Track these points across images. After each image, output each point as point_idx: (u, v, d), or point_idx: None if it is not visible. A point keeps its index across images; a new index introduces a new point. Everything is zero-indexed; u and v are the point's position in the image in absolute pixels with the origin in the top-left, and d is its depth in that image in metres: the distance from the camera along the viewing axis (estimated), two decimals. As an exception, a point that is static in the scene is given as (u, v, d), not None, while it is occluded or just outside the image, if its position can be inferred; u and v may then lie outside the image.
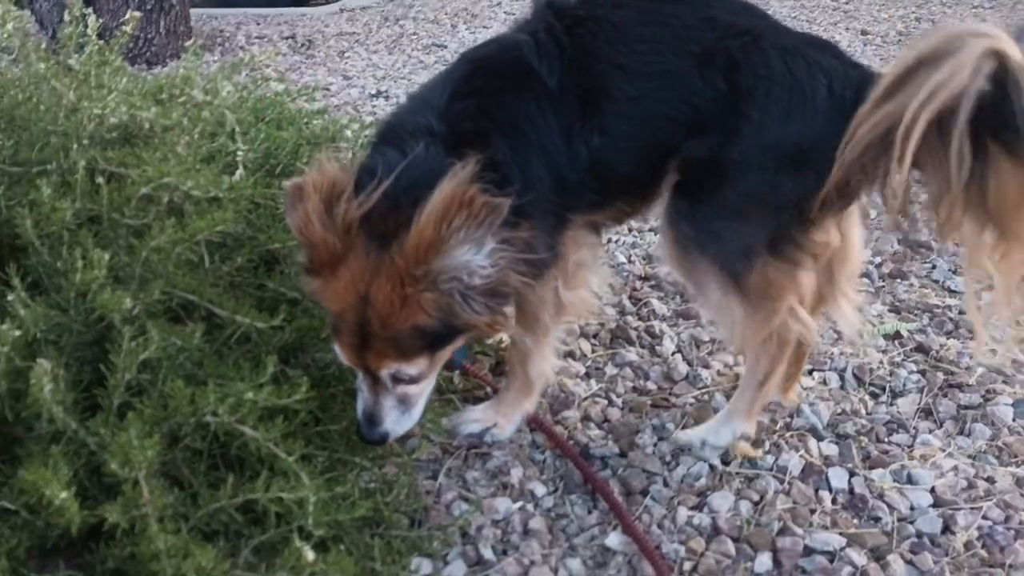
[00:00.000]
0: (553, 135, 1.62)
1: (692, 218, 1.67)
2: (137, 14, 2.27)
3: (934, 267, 2.78)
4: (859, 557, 1.62)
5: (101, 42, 2.18)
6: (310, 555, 1.38)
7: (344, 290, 1.50)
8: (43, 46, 2.00)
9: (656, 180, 1.73)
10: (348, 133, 2.66)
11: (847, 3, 7.09)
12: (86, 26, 2.19)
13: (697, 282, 1.75)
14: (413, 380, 1.60)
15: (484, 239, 1.42)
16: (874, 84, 1.48)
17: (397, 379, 1.59)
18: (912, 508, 1.76)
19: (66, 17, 2.17)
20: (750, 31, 1.65)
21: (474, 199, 1.41)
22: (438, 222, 1.40)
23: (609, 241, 2.94)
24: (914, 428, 2.02)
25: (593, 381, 2.17)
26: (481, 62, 1.71)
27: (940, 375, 2.18)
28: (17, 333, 1.44)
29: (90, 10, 2.24)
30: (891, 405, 2.09)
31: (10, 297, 1.48)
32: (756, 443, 1.92)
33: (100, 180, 1.70)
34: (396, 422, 1.65)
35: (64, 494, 1.29)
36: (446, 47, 5.84)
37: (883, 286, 2.69)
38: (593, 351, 2.31)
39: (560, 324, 1.89)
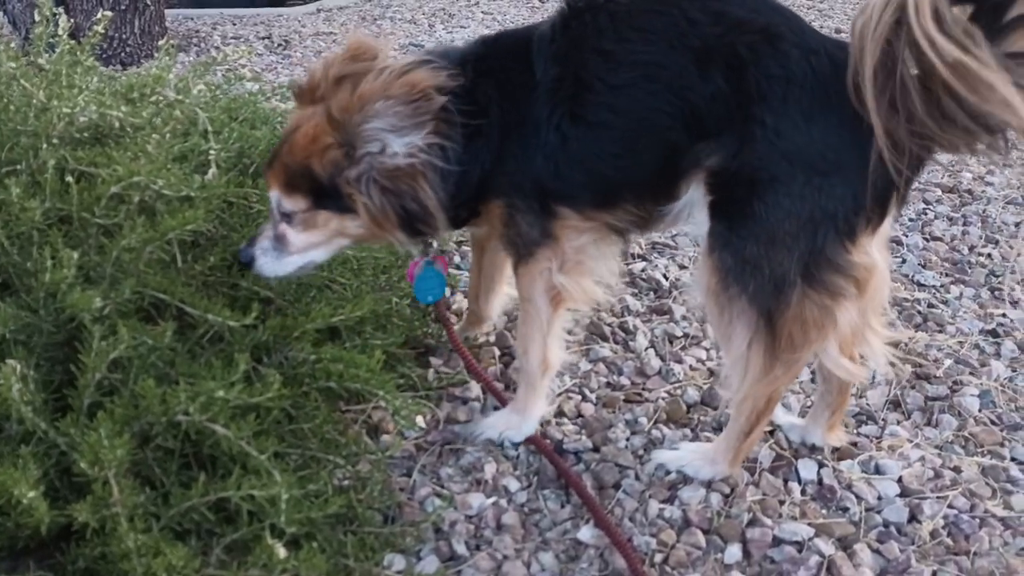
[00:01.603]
0: (531, 122, 1.65)
1: (729, 244, 1.56)
2: (109, 14, 2.26)
3: (904, 261, 2.82)
4: (827, 547, 1.65)
5: (72, 42, 2.17)
6: (282, 553, 1.38)
7: (296, 118, 1.72)
8: (13, 46, 1.98)
9: (663, 182, 1.66)
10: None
11: (822, 2, 7.16)
12: (57, 26, 2.18)
13: (726, 323, 1.61)
14: (288, 220, 1.73)
15: (410, 125, 1.58)
16: None
17: (281, 212, 1.74)
18: (879, 498, 1.79)
19: (36, 17, 2.16)
20: (765, 29, 1.53)
21: (418, 83, 1.56)
22: (381, 88, 1.56)
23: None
24: (883, 419, 2.05)
25: (567, 377, 2.19)
26: (494, 44, 1.77)
27: (908, 367, 2.22)
28: (-14, 334, 1.44)
29: (61, 10, 2.23)
30: (860, 397, 2.12)
31: (-22, 298, 1.48)
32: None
33: (70, 179, 1.70)
34: (264, 254, 1.77)
35: (32, 494, 1.29)
36: (423, 47, 5.83)
37: (854, 281, 2.72)
38: (567, 347, 2.32)
39: (558, 312, 1.84)
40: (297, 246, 1.76)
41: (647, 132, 1.62)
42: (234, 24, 7.11)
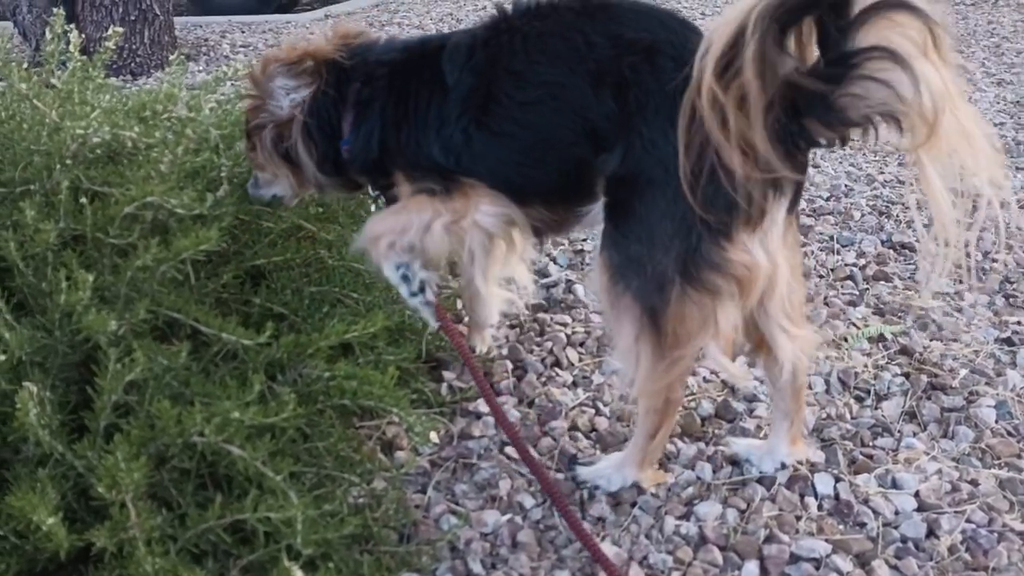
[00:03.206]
0: (434, 119, 1.80)
1: (617, 243, 1.66)
2: (120, 29, 2.27)
3: (917, 268, 2.81)
4: (844, 563, 1.64)
5: (84, 58, 2.18)
6: (299, 574, 1.38)
7: None
8: (26, 61, 1.99)
9: (571, 192, 1.76)
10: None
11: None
12: (68, 42, 2.19)
13: (615, 318, 1.68)
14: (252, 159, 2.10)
15: (294, 86, 1.95)
16: None
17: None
18: (897, 513, 1.78)
19: (47, 33, 2.17)
20: (649, 47, 1.62)
21: (300, 51, 1.97)
22: (279, 54, 1.99)
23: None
24: (898, 432, 2.04)
25: (580, 390, 2.19)
26: (419, 47, 1.94)
27: (924, 378, 2.21)
28: (2, 357, 1.44)
29: (72, 26, 2.24)
30: (876, 409, 2.11)
31: (-6, 320, 1.48)
32: (663, 465, 1.91)
33: (84, 199, 1.70)
34: (251, 187, 2.14)
35: (52, 520, 1.30)
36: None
37: (867, 288, 2.71)
38: (580, 360, 2.33)
39: (432, 255, 1.91)
40: (261, 181, 2.13)
41: (552, 146, 1.73)
42: (242, 32, 7.14)
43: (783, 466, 1.88)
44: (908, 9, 1.34)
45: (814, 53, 1.45)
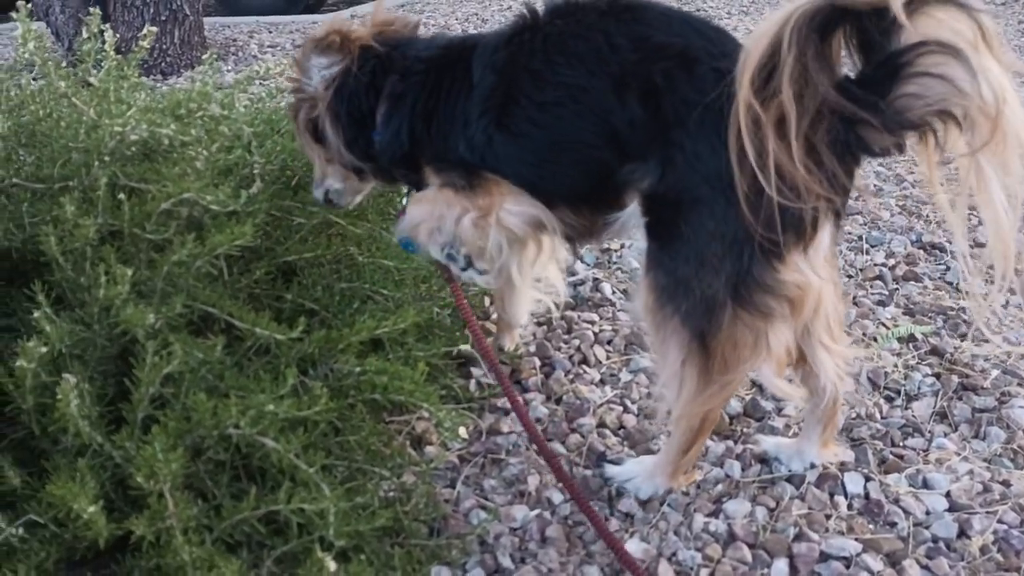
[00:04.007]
0: (461, 117, 1.80)
1: (662, 264, 1.60)
2: (154, 29, 2.30)
3: (948, 268, 2.79)
4: (875, 563, 1.63)
5: (119, 57, 2.21)
6: (332, 565, 1.40)
7: None
8: (61, 60, 2.03)
9: (598, 195, 1.73)
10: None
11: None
12: (103, 42, 2.23)
13: (661, 341, 1.63)
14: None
15: (327, 64, 1.97)
16: None
17: None
18: (928, 513, 1.77)
19: (84, 33, 2.21)
20: (682, 54, 1.55)
21: (333, 31, 1.96)
22: (315, 36, 2.00)
23: (622, 247, 2.95)
24: (929, 432, 2.02)
25: (608, 388, 2.19)
26: (459, 45, 1.93)
27: (955, 378, 2.19)
28: (43, 349, 1.47)
29: (107, 26, 2.28)
30: (906, 409, 2.10)
31: (35, 314, 1.51)
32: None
33: (121, 196, 1.73)
34: (313, 187, 2.17)
35: (92, 508, 1.32)
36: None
37: (897, 288, 2.69)
38: (608, 357, 2.33)
39: (478, 252, 1.92)
40: (317, 175, 2.14)
41: (571, 148, 1.70)
42: (270, 32, 7.20)
43: (812, 466, 1.87)
44: (954, 5, 1.28)
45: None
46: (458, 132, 1.81)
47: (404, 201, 2.13)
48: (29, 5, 2.08)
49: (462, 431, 1.97)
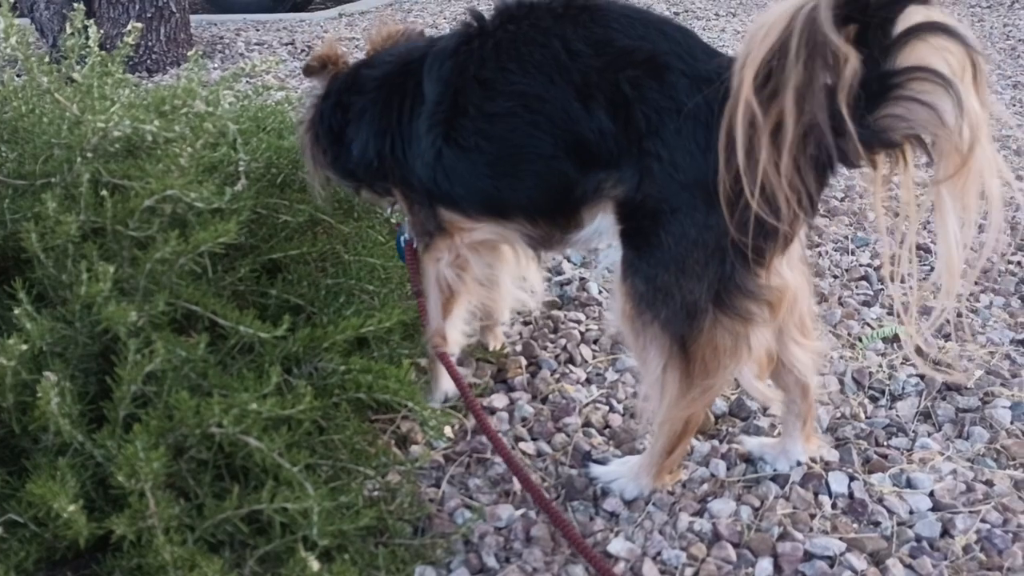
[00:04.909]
0: (414, 133, 1.78)
1: (640, 271, 1.57)
2: (139, 25, 2.29)
3: (931, 269, 2.79)
4: (859, 562, 1.64)
5: (103, 53, 2.20)
6: (315, 565, 1.39)
7: None
8: (45, 56, 2.01)
9: (558, 206, 1.69)
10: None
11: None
12: (87, 37, 2.21)
13: (641, 348, 1.62)
14: None
15: (311, 89, 2.06)
16: None
17: None
18: (911, 512, 1.78)
19: (67, 29, 2.19)
20: (650, 60, 1.51)
21: (313, 62, 2.02)
22: (305, 65, 2.06)
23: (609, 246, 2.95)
24: (913, 432, 2.03)
25: (594, 387, 2.19)
26: (400, 59, 1.89)
27: (938, 378, 2.20)
28: (23, 347, 1.46)
29: (91, 22, 2.26)
30: (890, 409, 2.11)
31: (16, 311, 1.50)
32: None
33: (104, 192, 1.72)
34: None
35: (72, 507, 1.31)
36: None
37: (881, 289, 2.70)
38: (594, 357, 2.33)
39: (453, 300, 1.95)
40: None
41: (527, 159, 1.64)
42: (257, 30, 7.16)
43: (798, 464, 1.88)
44: (951, 35, 1.29)
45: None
46: (413, 150, 1.78)
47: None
48: (13, 0, 2.06)
49: (447, 430, 1.97)
